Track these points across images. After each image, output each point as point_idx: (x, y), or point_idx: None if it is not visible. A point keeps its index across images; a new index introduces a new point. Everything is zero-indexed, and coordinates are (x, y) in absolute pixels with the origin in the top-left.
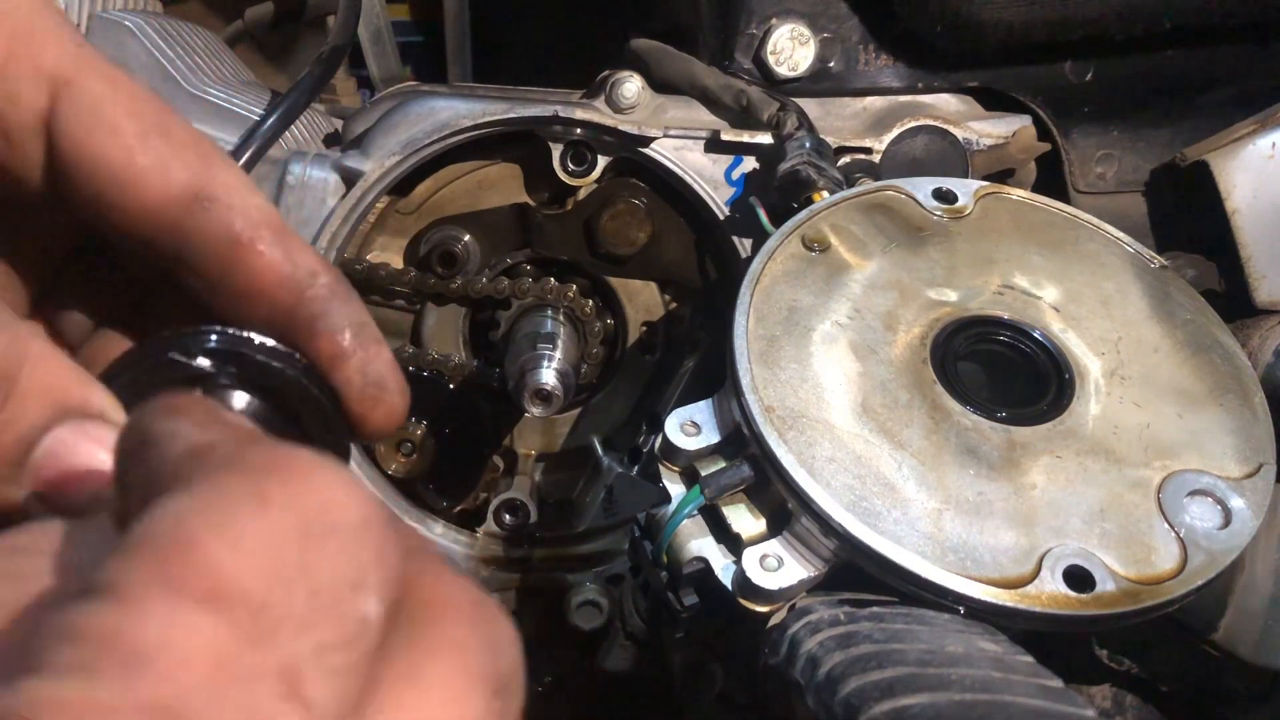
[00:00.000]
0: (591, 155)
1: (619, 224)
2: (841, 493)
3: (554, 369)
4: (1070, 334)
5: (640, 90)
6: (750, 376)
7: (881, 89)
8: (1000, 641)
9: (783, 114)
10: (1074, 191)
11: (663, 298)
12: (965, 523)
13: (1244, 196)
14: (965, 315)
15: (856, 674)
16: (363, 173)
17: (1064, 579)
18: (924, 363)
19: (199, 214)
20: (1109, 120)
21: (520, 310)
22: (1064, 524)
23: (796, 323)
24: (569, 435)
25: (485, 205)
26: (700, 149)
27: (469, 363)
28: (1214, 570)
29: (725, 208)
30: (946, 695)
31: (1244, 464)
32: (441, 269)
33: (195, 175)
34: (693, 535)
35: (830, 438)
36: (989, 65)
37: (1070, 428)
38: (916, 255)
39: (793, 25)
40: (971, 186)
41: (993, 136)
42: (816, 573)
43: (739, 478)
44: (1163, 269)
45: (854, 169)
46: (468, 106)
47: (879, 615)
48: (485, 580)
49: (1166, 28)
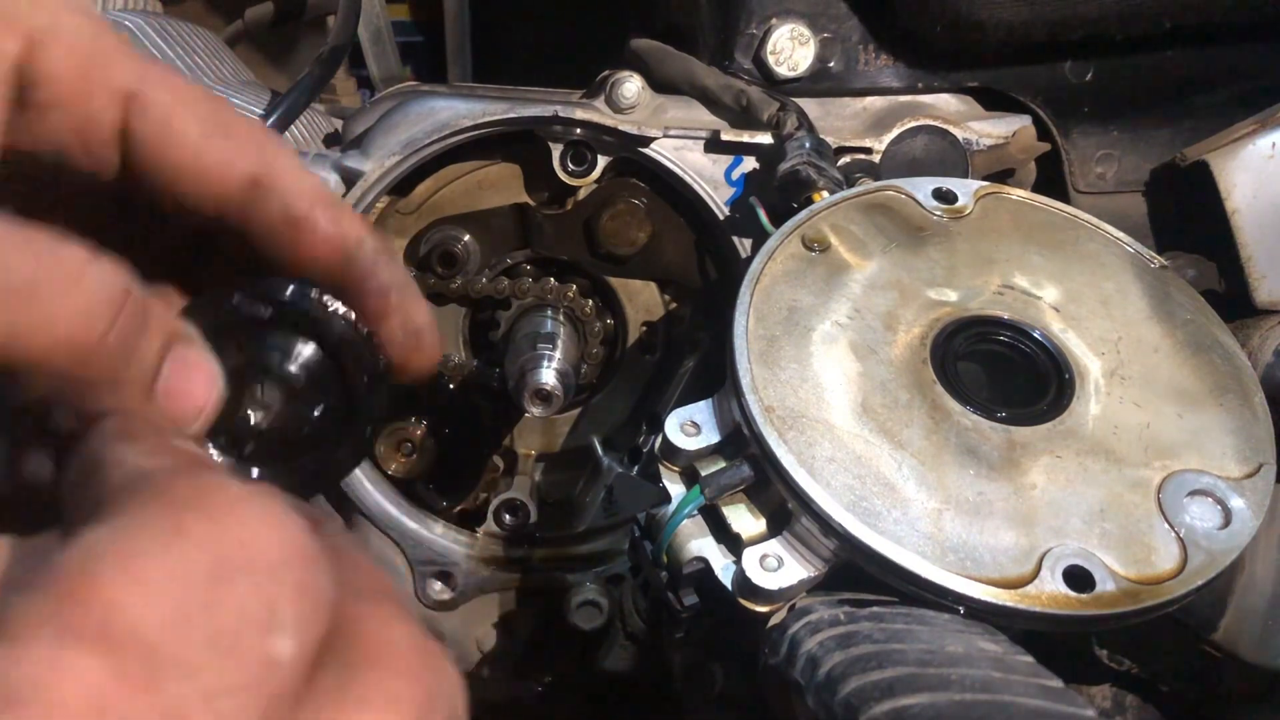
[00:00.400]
0: (591, 155)
1: (619, 224)
2: (841, 493)
3: (554, 369)
4: (1070, 334)
5: (640, 90)
6: (750, 376)
7: (881, 89)
8: (1000, 641)
9: (783, 114)
10: (1074, 191)
11: (663, 298)
12: (965, 523)
13: (1244, 196)
14: (965, 315)
15: (856, 674)
16: (363, 173)
17: (1064, 579)
18: (924, 363)
19: (259, 199)
20: (1109, 120)
21: (520, 310)
22: (1064, 524)
23: (796, 323)
24: (569, 435)
25: (485, 205)
26: (700, 149)
27: (469, 363)
28: (1214, 570)
29: (725, 208)
30: (946, 695)
31: (1244, 464)
32: (441, 269)
33: (254, 165)
34: (693, 535)
35: (830, 438)
36: (989, 65)
37: (1070, 428)
38: (916, 255)
39: (793, 25)
40: (971, 186)
41: (993, 136)
42: (816, 573)
43: (739, 478)
44: (1163, 269)
45: (854, 169)
46: (468, 106)
47: (879, 615)
48: (485, 580)
49: (1166, 28)
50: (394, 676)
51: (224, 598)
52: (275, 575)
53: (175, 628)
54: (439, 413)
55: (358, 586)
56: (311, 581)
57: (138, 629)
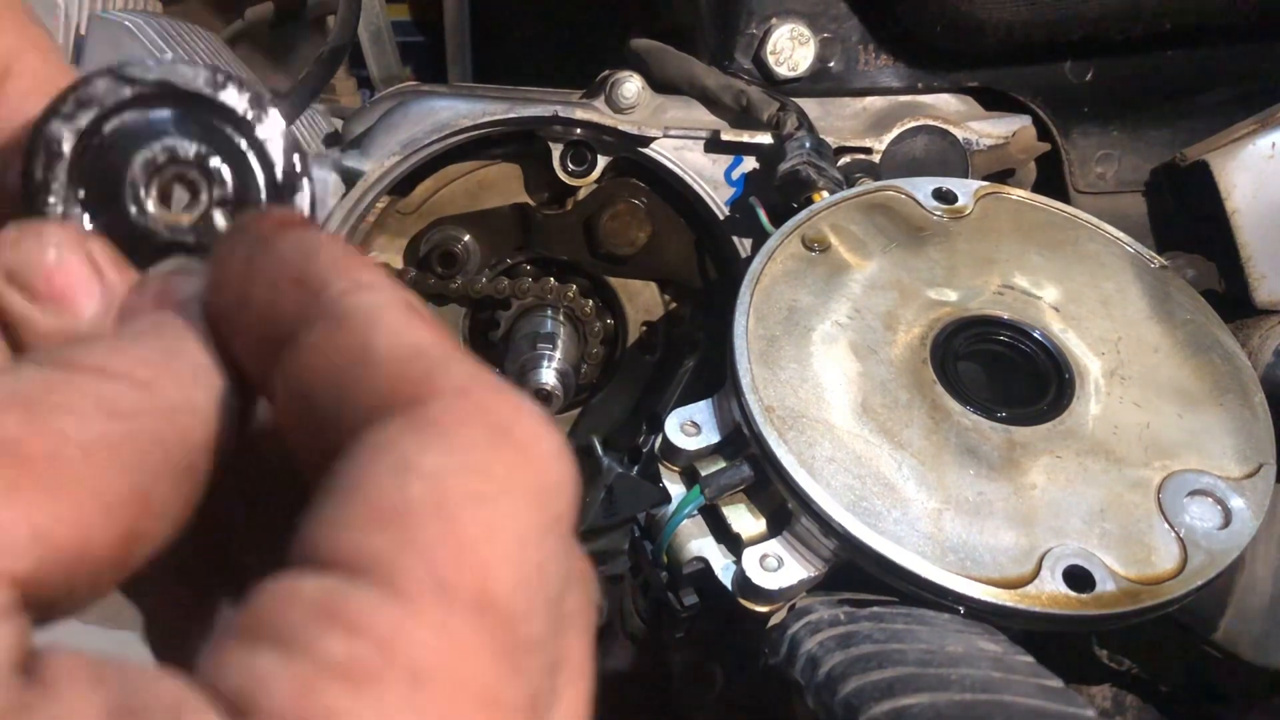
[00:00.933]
0: (591, 155)
1: (619, 224)
2: (841, 493)
3: (554, 369)
4: (1070, 334)
5: (640, 90)
6: (750, 376)
7: (881, 89)
8: (1000, 641)
9: (783, 114)
10: (1074, 191)
11: (663, 298)
12: (965, 523)
13: (1244, 196)
14: (965, 315)
15: (856, 674)
16: (363, 173)
17: (1064, 579)
18: (924, 363)
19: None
20: (1109, 120)
21: (520, 310)
22: (1064, 524)
23: (796, 323)
24: (569, 435)
25: (485, 205)
26: (700, 149)
27: None
28: (1214, 570)
29: (725, 208)
30: (946, 695)
31: (1244, 464)
32: (441, 269)
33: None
34: (693, 535)
35: (830, 438)
36: (989, 65)
37: (1070, 428)
38: (916, 255)
39: (793, 25)
40: (971, 186)
41: (993, 136)
42: (816, 573)
43: (739, 478)
44: (1163, 269)
45: (854, 169)
46: (468, 106)
47: (879, 615)
48: None
49: (1166, 28)
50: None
51: (548, 562)
52: (568, 527)
53: (525, 595)
54: None
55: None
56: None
57: (504, 597)
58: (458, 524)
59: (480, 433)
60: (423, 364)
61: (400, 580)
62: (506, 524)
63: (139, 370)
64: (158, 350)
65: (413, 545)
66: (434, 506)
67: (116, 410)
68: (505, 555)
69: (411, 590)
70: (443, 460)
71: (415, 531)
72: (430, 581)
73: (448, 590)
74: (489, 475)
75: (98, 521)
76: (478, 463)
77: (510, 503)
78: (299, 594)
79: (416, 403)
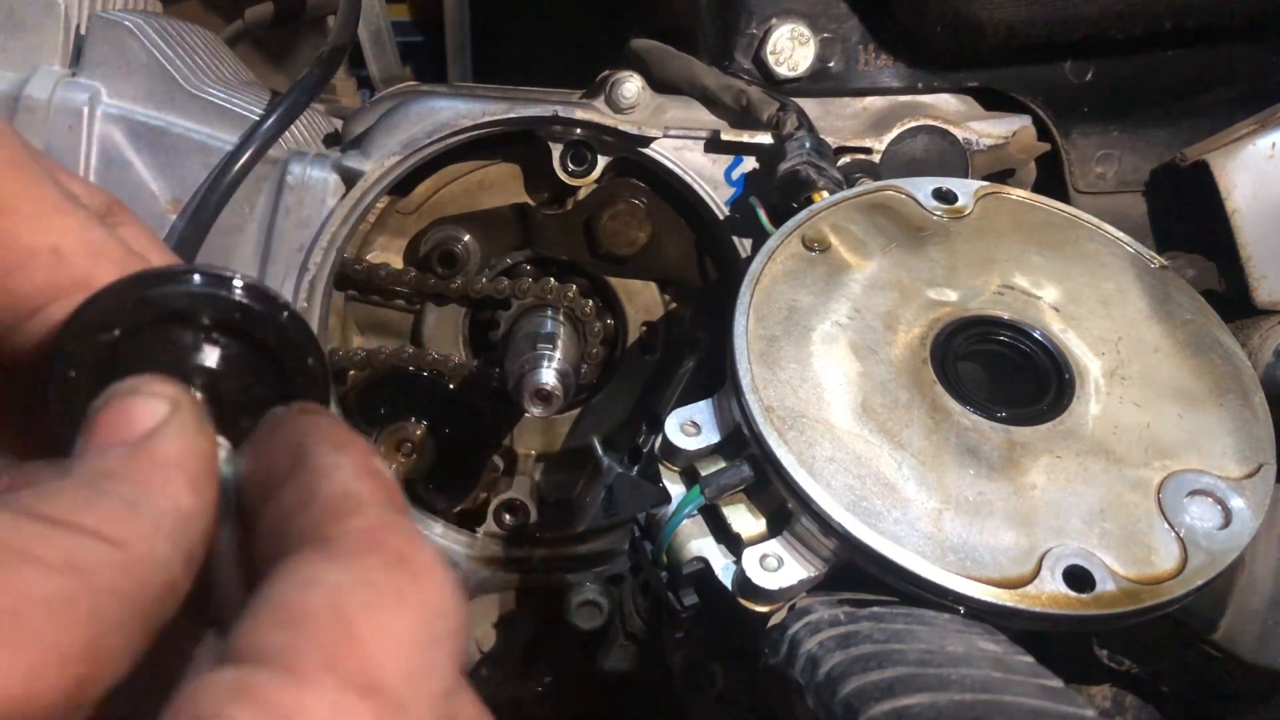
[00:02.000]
0: (591, 155)
1: (619, 224)
2: (841, 493)
3: (554, 369)
4: (1070, 334)
5: (640, 90)
6: (750, 376)
7: (881, 89)
8: (1000, 641)
9: (783, 114)
10: (1074, 191)
11: (663, 298)
12: (965, 523)
13: (1244, 196)
14: (965, 315)
15: (856, 674)
16: (363, 173)
17: (1064, 579)
18: (924, 363)
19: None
20: (1109, 120)
21: (520, 310)
22: (1064, 524)
23: (796, 323)
24: (569, 435)
25: (485, 205)
26: (700, 149)
27: (469, 363)
28: (1214, 570)
29: (725, 208)
30: (946, 695)
31: (1244, 464)
32: (441, 269)
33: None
34: (693, 535)
35: (830, 438)
36: (989, 65)
37: (1070, 428)
38: (916, 255)
39: (793, 25)
40: (971, 186)
41: (993, 136)
42: (816, 573)
43: (739, 478)
44: (1163, 269)
45: (854, 169)
46: (468, 106)
47: (879, 615)
48: (485, 580)
49: (1166, 28)
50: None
51: (436, 662)
52: (457, 642)
53: (411, 688)
54: (439, 413)
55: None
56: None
57: (391, 684)
58: (352, 624)
59: (378, 559)
60: (350, 507)
61: (299, 665)
62: (396, 627)
63: (105, 527)
64: (123, 502)
65: (311, 638)
66: (331, 610)
67: (79, 565)
68: (394, 651)
69: (308, 672)
70: (342, 577)
71: (314, 627)
72: (325, 666)
73: (340, 673)
74: (382, 591)
75: (50, 673)
76: (373, 580)
77: (399, 613)
78: (219, 681)
79: (332, 537)
